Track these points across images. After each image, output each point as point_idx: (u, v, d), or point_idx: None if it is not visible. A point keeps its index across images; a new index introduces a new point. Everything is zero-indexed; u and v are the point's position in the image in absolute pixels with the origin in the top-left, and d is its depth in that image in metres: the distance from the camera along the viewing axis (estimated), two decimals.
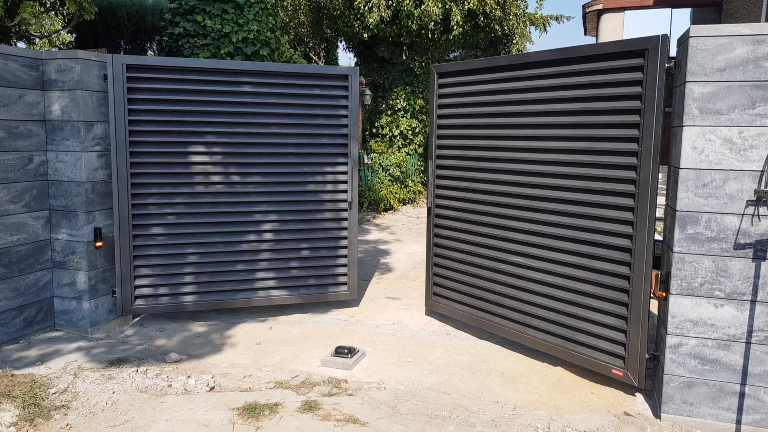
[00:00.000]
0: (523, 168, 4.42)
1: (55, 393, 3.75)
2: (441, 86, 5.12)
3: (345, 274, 5.54)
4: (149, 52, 11.29)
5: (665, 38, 3.52)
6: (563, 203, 4.17)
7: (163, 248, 5.08)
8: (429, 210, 5.31)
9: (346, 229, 5.49)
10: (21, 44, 10.20)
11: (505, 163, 4.58)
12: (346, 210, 5.46)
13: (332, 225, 5.44)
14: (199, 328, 5.17)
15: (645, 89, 3.62)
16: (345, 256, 5.52)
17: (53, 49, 13.27)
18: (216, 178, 5.09)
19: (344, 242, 5.50)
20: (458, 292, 5.09)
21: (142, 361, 4.39)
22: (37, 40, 10.86)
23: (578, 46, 4.02)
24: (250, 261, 5.28)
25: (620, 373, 3.83)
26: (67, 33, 11.65)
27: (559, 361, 4.42)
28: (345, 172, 5.41)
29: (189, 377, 4.07)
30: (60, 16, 9.49)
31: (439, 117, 5.15)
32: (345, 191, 5.43)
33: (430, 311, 5.61)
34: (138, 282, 5.06)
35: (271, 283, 5.35)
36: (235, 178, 5.13)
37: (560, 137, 4.17)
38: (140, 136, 4.91)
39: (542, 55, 4.23)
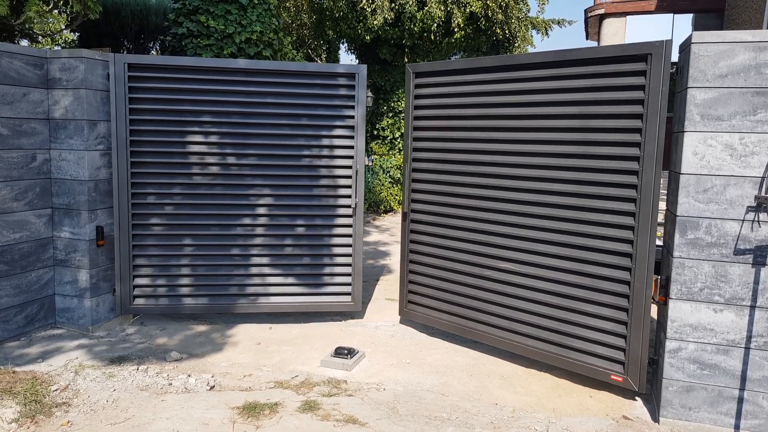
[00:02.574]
0: (512, 172, 4.32)
1: (56, 390, 3.76)
2: (418, 86, 4.93)
3: (349, 284, 5.28)
4: (152, 51, 11.31)
5: (669, 43, 3.53)
6: (558, 208, 4.11)
7: (162, 249, 5.06)
8: (404, 215, 5.09)
9: (350, 236, 5.23)
10: (24, 42, 10.24)
11: (491, 167, 4.46)
12: (350, 216, 5.23)
13: (335, 231, 5.21)
14: (199, 327, 5.19)
15: (648, 94, 3.62)
16: (349, 265, 5.26)
17: (56, 48, 13.31)
18: (216, 180, 5.04)
19: (348, 250, 5.24)
20: (438, 299, 4.90)
21: (142, 359, 4.40)
22: (41, 38, 10.88)
23: (576, 48, 3.96)
24: (249, 266, 5.14)
25: (619, 379, 3.83)
26: (71, 32, 11.68)
27: None
28: (349, 176, 5.18)
29: (189, 376, 4.09)
30: (64, 15, 9.51)
31: (416, 118, 4.96)
32: (349, 196, 5.21)
33: (405, 320, 5.41)
34: (137, 281, 5.06)
35: (271, 290, 5.17)
36: (235, 180, 5.06)
37: (554, 141, 4.10)
38: (141, 135, 4.92)
39: (535, 57, 4.15)
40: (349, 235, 5.23)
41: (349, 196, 5.20)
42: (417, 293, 5.10)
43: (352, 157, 5.15)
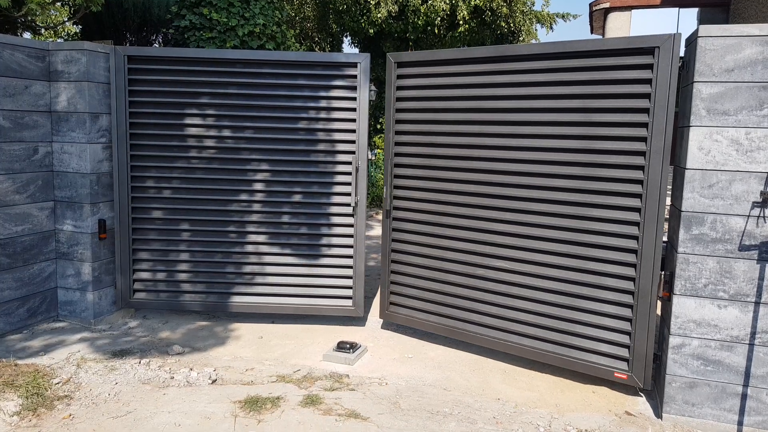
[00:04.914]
0: (508, 168, 4.17)
1: (58, 383, 3.77)
2: (400, 77, 4.69)
3: (350, 287, 4.99)
4: (155, 44, 11.29)
5: (678, 37, 3.48)
6: (559, 204, 4.00)
7: (162, 243, 5.02)
8: (387, 212, 4.81)
9: (351, 236, 4.95)
10: (27, 35, 10.22)
11: (485, 162, 4.28)
12: (351, 215, 4.96)
13: (335, 231, 4.95)
14: (202, 321, 5.19)
15: (655, 88, 3.56)
16: (350, 267, 4.97)
17: (59, 41, 13.29)
18: (216, 174, 4.92)
19: (349, 251, 4.95)
20: (425, 300, 4.70)
21: (145, 352, 4.40)
22: (43, 31, 10.86)
23: (579, 40, 3.84)
24: (249, 264, 4.99)
25: (624, 376, 3.79)
26: (73, 24, 11.65)
27: None
28: (349, 173, 4.91)
29: (191, 370, 4.08)
30: (66, 8, 9.49)
31: (398, 111, 4.71)
32: (348, 194, 4.93)
33: (387, 323, 5.16)
34: (137, 276, 5.05)
35: (271, 290, 5.00)
36: (235, 176, 4.92)
37: (554, 135, 3.99)
38: (141, 128, 4.89)
39: (533, 48, 4.01)
40: (350, 236, 4.96)
41: (349, 194, 4.93)
42: (400, 294, 4.86)
43: (353, 153, 4.88)
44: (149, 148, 4.92)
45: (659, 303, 3.93)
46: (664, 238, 4.03)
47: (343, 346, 4.43)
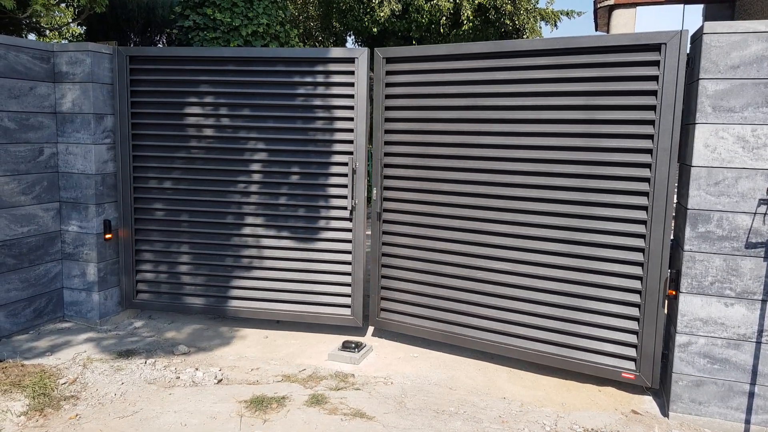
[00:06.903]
0: (508, 167, 4.08)
1: (64, 383, 3.78)
2: (390, 73, 4.50)
3: (348, 295, 4.76)
4: (159, 45, 11.31)
5: (685, 33, 3.45)
6: (562, 203, 3.93)
7: (164, 245, 5.00)
8: (378, 215, 4.64)
9: (349, 242, 4.76)
10: (32, 36, 10.25)
11: (482, 162, 4.17)
12: (349, 219, 4.73)
13: (332, 236, 4.76)
14: (208, 321, 5.20)
15: (662, 85, 3.54)
16: (348, 274, 4.76)
17: (63, 42, 13.33)
18: (215, 176, 4.85)
19: (347, 257, 4.74)
20: (420, 306, 4.54)
21: (150, 353, 4.41)
22: (48, 32, 10.90)
23: (583, 36, 3.79)
24: (248, 268, 4.90)
25: (631, 377, 3.76)
26: (77, 26, 11.70)
27: None
28: (346, 174, 4.68)
29: (197, 369, 4.09)
30: (71, 9, 9.52)
31: (388, 109, 4.53)
32: (345, 197, 4.70)
33: (379, 330, 4.97)
34: (140, 276, 5.06)
35: (269, 296, 4.87)
36: (235, 176, 4.83)
37: (557, 134, 3.93)
38: (143, 128, 4.89)
39: (534, 44, 3.92)
40: (348, 241, 4.75)
41: (345, 197, 4.70)
42: (392, 300, 4.70)
43: (350, 153, 4.66)
44: (152, 148, 4.92)
45: (666, 301, 3.91)
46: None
47: (348, 346, 4.43)
